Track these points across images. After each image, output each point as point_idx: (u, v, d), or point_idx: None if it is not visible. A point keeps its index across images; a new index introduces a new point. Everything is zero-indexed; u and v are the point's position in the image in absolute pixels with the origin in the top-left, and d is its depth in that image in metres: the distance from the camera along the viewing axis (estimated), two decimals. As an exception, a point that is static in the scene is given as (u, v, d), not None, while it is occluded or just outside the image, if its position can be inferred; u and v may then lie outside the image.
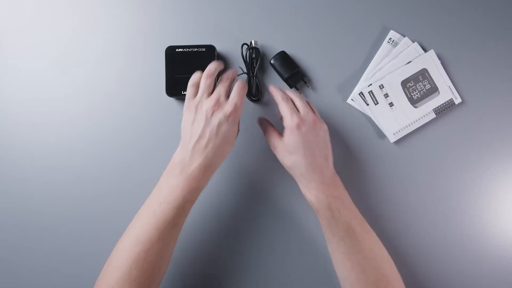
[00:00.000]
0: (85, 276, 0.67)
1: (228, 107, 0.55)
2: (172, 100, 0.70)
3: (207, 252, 0.67)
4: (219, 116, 0.55)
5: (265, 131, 0.63)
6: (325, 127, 0.61)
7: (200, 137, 0.55)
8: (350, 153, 0.68)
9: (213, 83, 0.58)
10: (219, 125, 0.55)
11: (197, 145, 0.55)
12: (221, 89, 0.57)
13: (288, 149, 0.58)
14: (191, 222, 0.67)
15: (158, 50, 0.69)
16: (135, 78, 0.70)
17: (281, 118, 0.60)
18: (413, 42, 0.69)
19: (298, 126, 0.57)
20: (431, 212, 0.68)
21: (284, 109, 0.59)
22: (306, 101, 0.62)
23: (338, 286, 0.60)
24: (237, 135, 0.59)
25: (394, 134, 0.69)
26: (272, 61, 0.68)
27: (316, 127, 0.59)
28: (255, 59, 0.67)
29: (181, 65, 0.68)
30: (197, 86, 0.59)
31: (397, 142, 0.69)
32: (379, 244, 0.60)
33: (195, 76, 0.60)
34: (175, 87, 0.67)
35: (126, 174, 0.69)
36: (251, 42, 0.68)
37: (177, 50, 0.68)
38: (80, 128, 0.70)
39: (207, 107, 0.55)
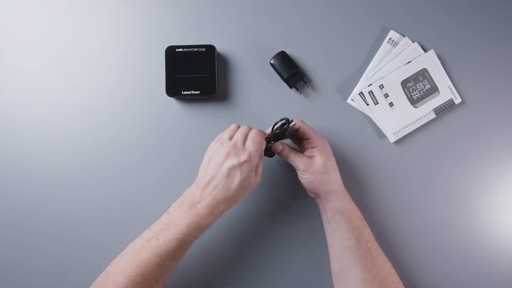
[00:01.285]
0: (85, 276, 0.67)
1: (242, 154, 0.55)
2: (172, 100, 0.70)
3: (208, 253, 0.67)
4: (232, 160, 0.55)
5: (287, 156, 0.61)
6: None
7: (212, 177, 0.55)
8: (350, 153, 0.68)
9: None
10: (231, 169, 0.55)
11: (208, 184, 0.55)
12: (239, 134, 0.57)
13: (321, 169, 0.59)
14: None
15: (158, 50, 0.69)
16: (135, 78, 0.70)
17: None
18: (413, 42, 0.69)
19: (327, 146, 0.61)
20: (431, 212, 0.68)
21: (310, 131, 0.60)
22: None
23: None
24: (255, 185, 0.57)
25: (394, 134, 0.69)
26: (272, 61, 0.68)
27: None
28: (280, 134, 0.60)
29: (181, 65, 0.68)
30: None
31: (397, 142, 0.69)
32: (383, 252, 0.62)
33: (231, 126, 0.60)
34: (175, 87, 0.67)
35: (126, 174, 0.69)
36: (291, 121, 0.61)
37: (177, 50, 0.68)
38: (80, 128, 0.70)
39: (224, 149, 0.56)
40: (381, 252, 0.61)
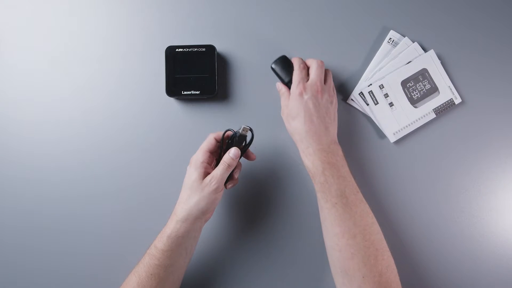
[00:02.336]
0: (85, 275, 0.68)
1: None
2: (172, 100, 0.70)
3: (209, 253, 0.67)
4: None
5: (280, 92, 0.66)
6: (332, 99, 0.64)
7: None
8: (350, 153, 0.68)
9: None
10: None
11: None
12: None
13: (291, 114, 0.63)
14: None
15: (158, 50, 0.69)
16: (135, 78, 0.70)
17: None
18: (413, 42, 0.69)
19: (300, 93, 0.62)
20: (431, 211, 0.68)
21: (295, 77, 0.63)
22: (326, 71, 0.65)
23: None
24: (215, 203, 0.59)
25: (394, 134, 0.69)
26: (273, 66, 0.67)
27: (319, 96, 0.62)
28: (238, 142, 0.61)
29: (181, 65, 0.68)
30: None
31: (397, 142, 0.69)
32: (371, 215, 0.60)
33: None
34: (175, 87, 0.67)
35: (126, 174, 0.69)
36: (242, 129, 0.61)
37: (177, 50, 0.68)
38: (80, 128, 0.70)
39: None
40: (357, 209, 0.59)
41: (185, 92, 0.67)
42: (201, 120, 0.69)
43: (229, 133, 0.60)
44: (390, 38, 0.70)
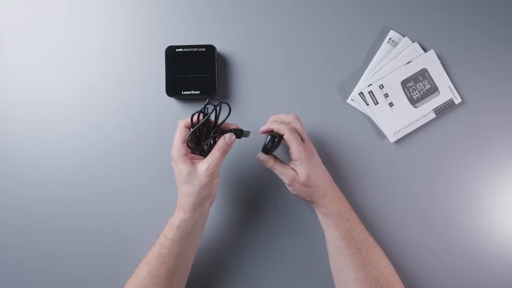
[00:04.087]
0: (85, 275, 0.68)
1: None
2: (172, 100, 0.70)
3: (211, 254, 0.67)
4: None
5: (273, 167, 0.61)
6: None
7: None
8: (350, 153, 0.68)
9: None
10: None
11: None
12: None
13: (311, 176, 0.59)
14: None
15: (158, 50, 0.69)
16: (135, 78, 0.70)
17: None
18: (413, 42, 0.69)
19: (312, 153, 0.60)
20: (431, 211, 0.68)
21: (292, 141, 0.58)
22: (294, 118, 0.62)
23: None
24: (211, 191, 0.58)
25: (394, 134, 0.69)
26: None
27: (314, 150, 0.61)
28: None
29: (181, 65, 0.68)
30: None
31: (397, 142, 0.69)
32: (386, 257, 0.62)
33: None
34: (175, 87, 0.67)
35: (126, 173, 0.69)
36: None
37: (177, 50, 0.68)
38: (80, 127, 0.70)
39: None
40: (375, 251, 0.60)
41: (185, 92, 0.67)
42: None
43: (195, 116, 0.57)
44: (390, 38, 0.70)
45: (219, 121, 0.58)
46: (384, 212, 0.68)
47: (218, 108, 0.57)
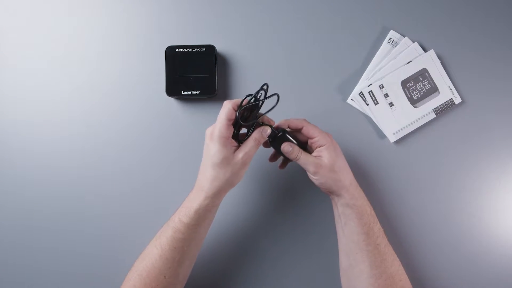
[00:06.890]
0: (85, 275, 0.68)
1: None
2: (172, 100, 0.70)
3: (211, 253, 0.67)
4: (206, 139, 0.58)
5: (298, 157, 0.59)
6: None
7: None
8: (350, 153, 0.68)
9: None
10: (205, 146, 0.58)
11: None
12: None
13: (332, 169, 0.58)
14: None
15: (158, 50, 0.69)
16: (135, 78, 0.70)
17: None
18: (413, 42, 0.69)
19: (335, 144, 0.59)
20: (431, 212, 0.68)
21: (315, 130, 0.59)
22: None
23: None
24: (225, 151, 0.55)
25: (394, 134, 0.69)
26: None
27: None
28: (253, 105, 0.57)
29: (181, 65, 0.68)
30: None
31: (397, 142, 0.69)
32: (397, 258, 0.62)
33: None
34: (175, 87, 0.67)
35: (126, 173, 0.69)
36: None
37: (177, 50, 0.68)
38: (80, 128, 0.70)
39: None
40: (390, 249, 0.60)
41: (185, 92, 0.67)
42: (201, 120, 0.69)
43: (247, 100, 0.56)
44: (390, 38, 0.70)
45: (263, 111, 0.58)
46: (384, 212, 0.68)
47: (267, 96, 0.56)
